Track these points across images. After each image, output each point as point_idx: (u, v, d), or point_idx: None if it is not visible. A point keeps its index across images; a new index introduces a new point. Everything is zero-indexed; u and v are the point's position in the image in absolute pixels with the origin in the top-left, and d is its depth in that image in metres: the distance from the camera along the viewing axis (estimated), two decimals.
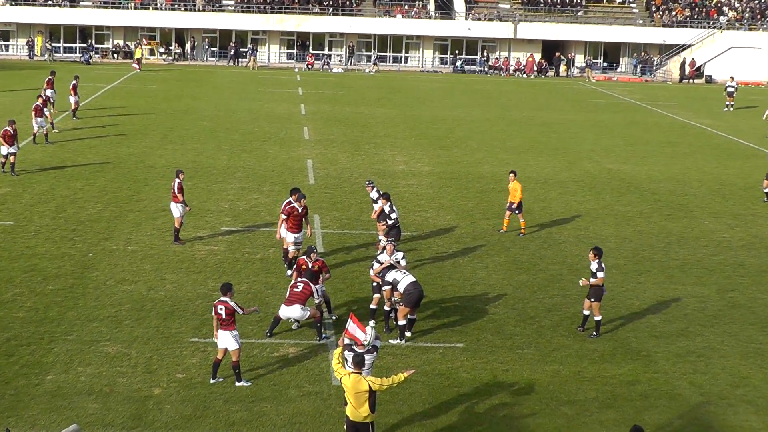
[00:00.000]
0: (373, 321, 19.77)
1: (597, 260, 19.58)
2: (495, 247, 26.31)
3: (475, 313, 20.92)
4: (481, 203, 31.53)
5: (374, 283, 19.95)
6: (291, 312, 18.67)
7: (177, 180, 25.15)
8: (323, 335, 19.03)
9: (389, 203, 23.85)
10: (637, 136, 48.22)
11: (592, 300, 19.64)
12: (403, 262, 19.98)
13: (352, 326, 14.99)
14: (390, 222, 23.70)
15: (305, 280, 18.94)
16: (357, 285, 22.42)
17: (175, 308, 20.41)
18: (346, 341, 15.05)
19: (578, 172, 37.61)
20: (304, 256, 19.93)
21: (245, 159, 37.43)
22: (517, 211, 27.34)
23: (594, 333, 19.79)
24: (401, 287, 18.94)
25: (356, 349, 14.86)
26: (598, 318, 19.77)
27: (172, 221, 27.22)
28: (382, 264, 19.72)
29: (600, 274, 19.50)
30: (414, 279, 19.12)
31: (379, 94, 62.04)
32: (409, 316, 19.19)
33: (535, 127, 49.76)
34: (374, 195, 24.69)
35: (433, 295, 21.87)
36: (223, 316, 16.65)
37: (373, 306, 20.02)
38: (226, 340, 16.71)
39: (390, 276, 19.25)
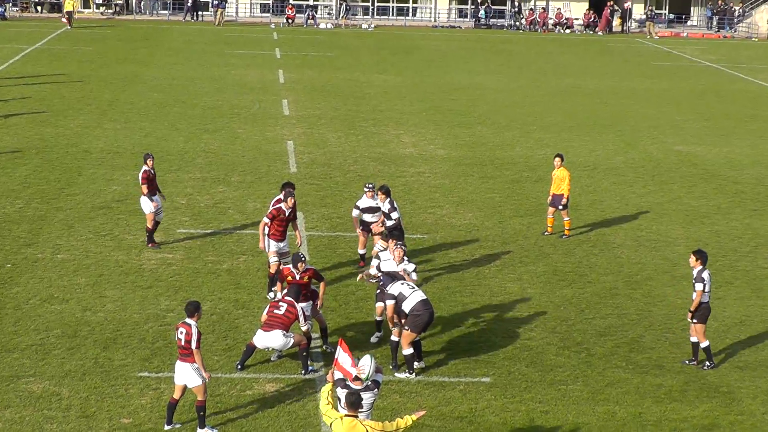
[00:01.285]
0: (375, 336, 19.77)
1: (700, 267, 19.61)
2: (530, 253, 26.33)
3: (505, 339, 20.94)
4: (511, 196, 31.55)
5: (377, 290, 20.18)
6: (270, 340, 18.66)
7: (144, 167, 25.27)
8: (309, 367, 19.05)
9: (389, 199, 23.85)
10: (713, 108, 48.19)
11: (695, 321, 19.67)
12: (413, 276, 20.15)
13: (342, 357, 14.94)
14: (391, 223, 23.65)
15: (290, 299, 18.93)
16: (353, 302, 22.44)
17: (119, 334, 20.43)
18: (338, 376, 15.04)
19: (637, 156, 37.61)
20: (290, 266, 19.94)
21: (207, 141, 37.47)
22: (561, 207, 27.33)
23: (708, 363, 19.80)
24: (407, 306, 18.97)
25: (351, 385, 14.85)
26: (705, 344, 19.78)
27: (114, 221, 27.25)
28: (380, 262, 20.24)
29: (698, 286, 19.51)
30: (424, 297, 19.17)
31: (380, 56, 62.01)
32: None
33: (582, 97, 49.74)
34: (372, 202, 24.27)
35: (451, 316, 21.89)
36: (182, 343, 16.65)
37: (378, 317, 20.37)
38: (185, 375, 16.71)
39: (395, 289, 19.28)
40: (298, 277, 19.62)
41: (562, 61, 63.21)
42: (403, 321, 19.07)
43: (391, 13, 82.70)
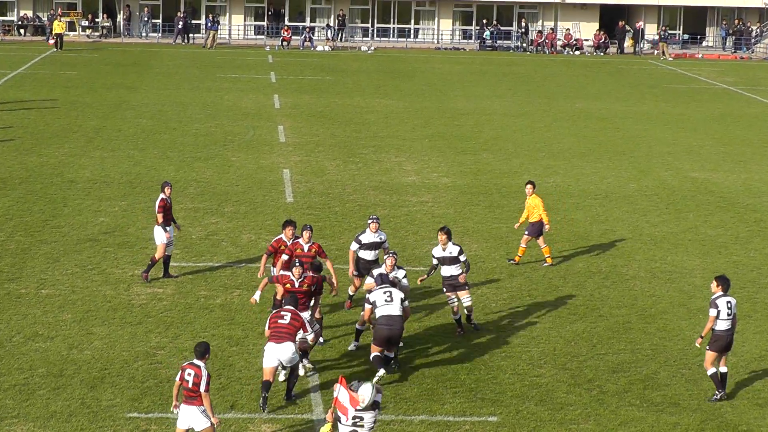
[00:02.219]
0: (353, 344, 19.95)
1: (720, 293, 19.66)
2: (539, 286, 26.34)
3: (513, 376, 20.95)
4: (519, 227, 31.54)
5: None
6: (282, 352, 18.76)
7: (161, 195, 25.55)
8: (293, 395, 19.28)
9: (451, 241, 23.98)
10: (731, 133, 48.25)
11: (708, 349, 19.78)
12: (404, 282, 21.24)
13: (342, 395, 14.97)
14: (458, 272, 23.01)
15: (291, 308, 19.12)
16: (352, 336, 22.42)
17: (107, 373, 20.43)
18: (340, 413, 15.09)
19: (651, 183, 37.65)
20: (290, 273, 20.31)
21: (199, 170, 37.52)
22: (526, 232, 27.69)
23: (717, 393, 19.90)
24: (376, 315, 20.15)
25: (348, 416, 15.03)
26: (710, 371, 19.88)
27: (101, 254, 27.29)
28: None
29: (711, 312, 19.56)
30: (394, 312, 20.02)
31: (381, 80, 62.15)
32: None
33: (593, 122, 49.82)
34: (375, 237, 23.74)
35: (456, 351, 21.90)
36: (190, 385, 16.65)
37: (359, 326, 21.69)
38: (191, 418, 16.64)
39: (374, 296, 20.33)
40: (297, 284, 19.91)
41: (571, 84, 63.35)
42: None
43: (392, 35, 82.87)
